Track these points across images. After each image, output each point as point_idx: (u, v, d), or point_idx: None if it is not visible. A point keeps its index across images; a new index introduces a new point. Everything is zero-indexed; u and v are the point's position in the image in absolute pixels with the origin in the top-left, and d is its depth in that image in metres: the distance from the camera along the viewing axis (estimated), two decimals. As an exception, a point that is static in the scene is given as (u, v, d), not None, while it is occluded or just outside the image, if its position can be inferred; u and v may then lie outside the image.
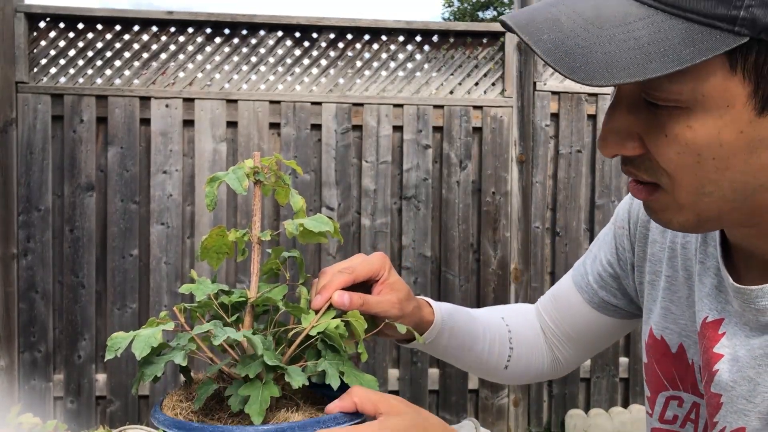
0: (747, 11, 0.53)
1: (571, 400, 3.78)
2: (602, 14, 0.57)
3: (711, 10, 0.54)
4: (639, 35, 0.55)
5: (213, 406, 0.73)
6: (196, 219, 3.53)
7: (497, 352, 1.00)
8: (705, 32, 0.54)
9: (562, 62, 0.56)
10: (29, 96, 3.43)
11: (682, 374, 0.82)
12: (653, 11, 0.56)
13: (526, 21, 0.59)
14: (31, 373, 3.44)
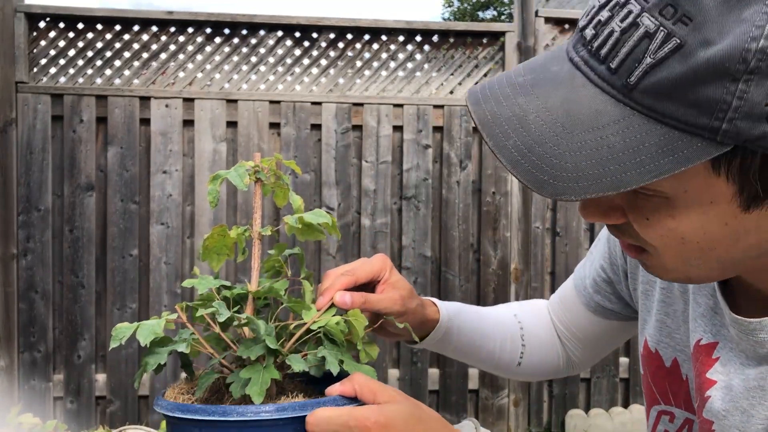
0: (730, 124, 0.49)
1: (571, 400, 3.78)
2: (573, 113, 0.53)
3: (692, 119, 0.50)
4: (612, 142, 0.51)
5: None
6: (195, 219, 3.53)
7: (509, 349, 0.99)
8: (685, 139, 0.50)
9: (529, 175, 0.53)
10: (29, 96, 3.43)
11: (675, 389, 0.80)
12: (629, 112, 0.51)
13: (492, 116, 0.55)
14: (31, 373, 3.44)
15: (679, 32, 0.49)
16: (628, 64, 0.51)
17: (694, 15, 0.48)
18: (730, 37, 0.47)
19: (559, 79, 0.55)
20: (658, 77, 0.50)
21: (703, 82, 0.48)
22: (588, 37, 0.54)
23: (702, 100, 0.49)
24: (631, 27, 0.51)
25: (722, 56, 0.47)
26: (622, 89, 0.52)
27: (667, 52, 0.49)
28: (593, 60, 0.53)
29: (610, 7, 0.53)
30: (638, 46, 0.50)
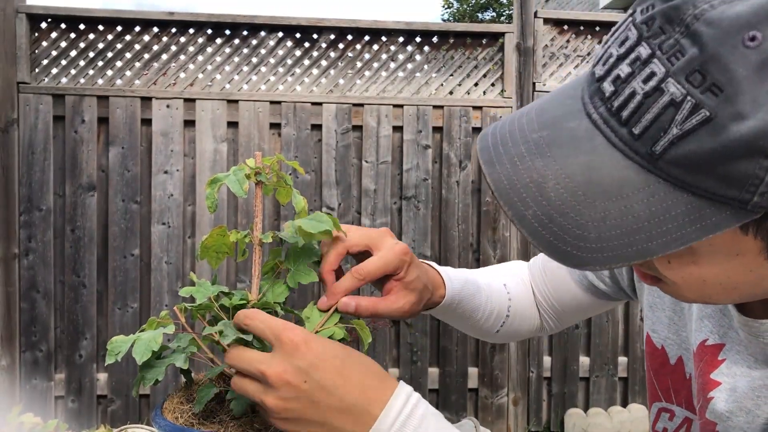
0: (762, 197, 0.46)
1: (570, 399, 3.79)
2: (594, 181, 0.50)
3: (721, 191, 0.47)
4: (637, 211, 0.49)
5: (214, 408, 0.73)
6: (197, 219, 3.54)
7: (493, 319, 0.97)
8: (713, 207, 0.48)
9: (551, 246, 0.51)
10: (31, 96, 3.44)
11: (677, 387, 0.79)
12: (653, 179, 0.49)
13: (509, 183, 0.53)
14: (33, 372, 3.45)
15: (709, 103, 0.45)
16: (653, 133, 0.47)
17: (725, 85, 0.44)
18: (763, 111, 0.44)
19: (578, 138, 0.51)
20: (685, 149, 0.46)
21: (734, 158, 0.45)
22: (607, 92, 0.50)
23: (732, 175, 0.46)
24: (655, 91, 0.47)
25: (756, 133, 0.44)
26: (646, 157, 0.48)
27: (696, 124, 0.46)
28: (614, 120, 0.50)
29: (630, 61, 0.49)
30: (663, 114, 0.47)
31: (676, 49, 0.46)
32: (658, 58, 0.47)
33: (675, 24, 0.46)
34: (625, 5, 10.41)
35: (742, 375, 0.66)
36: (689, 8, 0.46)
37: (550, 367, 3.79)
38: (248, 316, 0.66)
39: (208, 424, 0.69)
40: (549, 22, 3.78)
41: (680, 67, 0.46)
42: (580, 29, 3.81)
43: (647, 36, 0.48)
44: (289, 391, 0.61)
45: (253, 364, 0.63)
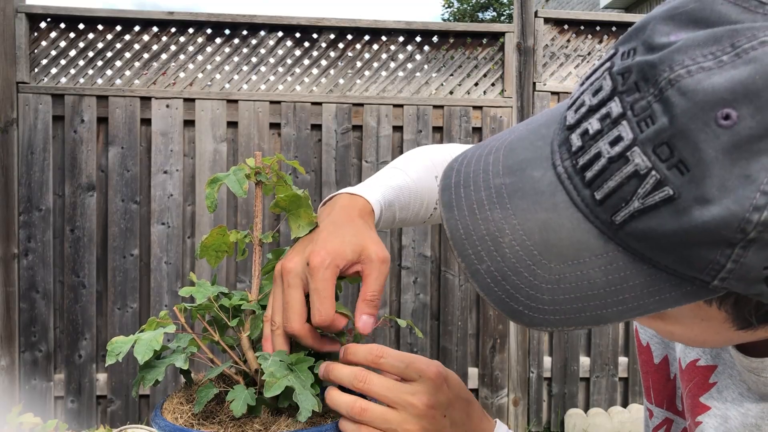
0: (723, 282, 0.44)
1: (570, 399, 3.78)
2: (551, 243, 0.48)
3: (681, 270, 0.45)
4: (593, 277, 0.47)
5: (213, 408, 0.73)
6: (196, 219, 3.54)
7: (424, 210, 0.93)
8: (673, 282, 0.45)
9: (503, 303, 0.49)
10: (30, 96, 3.43)
11: (659, 387, 0.78)
12: (613, 247, 0.46)
13: (465, 232, 0.50)
14: (32, 372, 3.44)
15: (674, 181, 0.42)
16: (614, 201, 0.45)
17: (692, 165, 0.41)
18: (730, 199, 0.41)
19: (540, 192, 0.49)
20: (646, 225, 0.44)
21: (695, 243, 0.43)
22: (574, 147, 0.47)
23: (693, 258, 0.43)
24: (620, 158, 0.44)
25: (719, 222, 0.41)
26: (606, 224, 0.46)
27: (658, 201, 0.43)
28: (578, 178, 0.47)
29: (601, 116, 0.45)
30: (627, 185, 0.44)
31: (647, 114, 0.43)
32: (628, 120, 0.43)
33: (650, 84, 0.43)
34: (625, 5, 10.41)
35: (733, 403, 0.64)
36: (665, 70, 0.42)
37: (551, 368, 3.79)
38: (377, 354, 0.67)
39: (207, 425, 0.69)
40: (549, 22, 3.78)
41: (648, 136, 0.42)
42: (581, 29, 3.81)
43: (621, 91, 0.44)
44: (431, 423, 0.65)
45: (402, 396, 0.65)
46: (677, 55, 0.42)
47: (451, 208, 0.52)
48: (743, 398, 0.63)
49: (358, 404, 0.65)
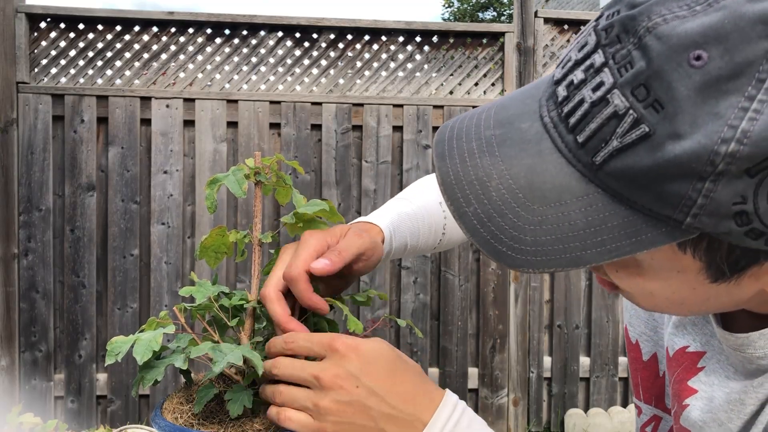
0: (695, 218, 0.46)
1: (570, 399, 3.78)
2: (535, 185, 0.50)
3: (656, 208, 0.47)
4: (574, 219, 0.49)
5: (213, 408, 0.73)
6: (196, 219, 3.54)
7: (431, 240, 0.96)
8: (649, 223, 0.48)
9: (488, 245, 0.51)
10: (30, 96, 3.43)
11: (647, 384, 0.79)
12: (593, 189, 0.49)
13: (455, 178, 0.53)
14: (32, 372, 3.44)
15: (650, 119, 0.45)
16: (595, 143, 0.48)
17: (666, 103, 0.44)
18: (700, 133, 0.44)
19: (527, 140, 0.52)
20: (623, 163, 0.47)
21: (668, 177, 0.45)
22: (560, 97, 0.50)
23: (667, 194, 0.46)
24: (601, 101, 0.47)
25: (690, 155, 0.44)
26: (587, 166, 0.49)
27: (635, 138, 0.46)
28: (562, 126, 0.50)
29: (585, 67, 0.49)
30: (606, 126, 0.47)
31: (626, 61, 0.46)
32: (610, 68, 0.47)
33: (630, 34, 0.46)
34: (625, 5, 10.40)
35: (720, 385, 0.65)
36: (644, 20, 0.45)
37: (551, 368, 3.79)
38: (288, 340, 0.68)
39: (207, 425, 0.69)
40: (549, 22, 3.78)
41: (627, 79, 0.46)
42: (581, 29, 3.80)
43: (604, 44, 0.48)
44: (342, 394, 0.63)
45: (307, 370, 0.65)
46: (655, 7, 0.45)
47: (443, 158, 0.55)
48: (729, 380, 0.65)
49: (277, 388, 0.66)
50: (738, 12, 0.43)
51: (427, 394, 0.64)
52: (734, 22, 0.43)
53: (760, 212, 0.45)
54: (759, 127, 0.43)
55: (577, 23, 3.81)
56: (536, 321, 3.74)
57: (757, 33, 0.43)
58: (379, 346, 0.65)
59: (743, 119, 0.43)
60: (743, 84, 0.43)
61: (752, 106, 0.43)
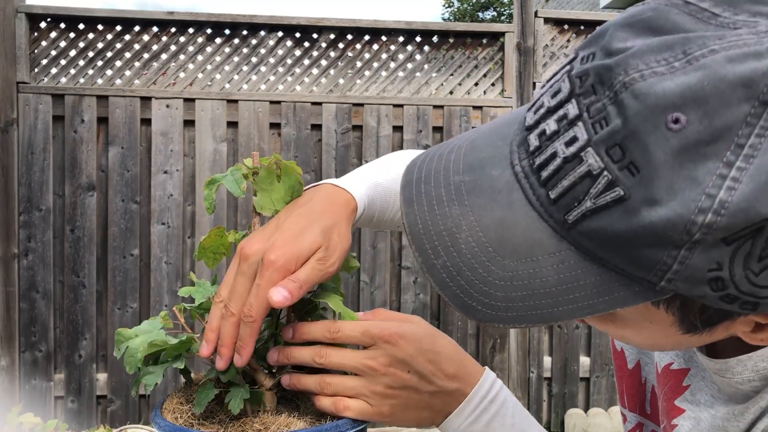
0: (669, 283, 0.45)
1: (570, 399, 3.78)
2: (506, 240, 0.49)
3: (629, 270, 0.46)
4: (546, 275, 0.48)
5: (213, 408, 0.73)
6: (196, 219, 3.54)
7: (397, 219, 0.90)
8: (622, 282, 0.46)
9: (457, 299, 0.50)
10: (30, 96, 3.43)
11: (632, 392, 0.80)
12: (565, 246, 0.47)
13: (423, 227, 0.51)
14: (32, 372, 3.44)
15: (625, 182, 0.43)
16: (567, 201, 0.46)
17: (642, 166, 0.42)
18: (677, 201, 0.42)
19: (497, 190, 0.50)
20: (597, 225, 0.45)
21: (643, 243, 0.44)
22: (531, 146, 0.48)
23: (641, 258, 0.44)
24: (574, 158, 0.45)
25: (665, 224, 0.42)
26: (559, 223, 0.47)
27: (609, 201, 0.44)
28: (534, 178, 0.48)
29: (558, 117, 0.47)
30: (580, 184, 0.45)
31: (601, 116, 0.44)
32: (584, 122, 0.45)
33: (605, 87, 0.44)
34: (625, 5, 10.41)
35: (706, 405, 0.65)
36: (621, 73, 0.43)
37: (551, 368, 3.79)
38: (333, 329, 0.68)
39: (207, 425, 0.69)
40: (549, 22, 3.78)
41: (602, 137, 0.44)
42: (581, 29, 3.81)
43: (578, 93, 0.46)
44: (395, 380, 0.67)
45: (360, 360, 0.67)
46: (632, 60, 0.43)
47: (411, 204, 0.53)
48: (714, 400, 0.64)
49: (324, 380, 0.68)
50: (718, 73, 0.41)
51: (469, 370, 0.70)
52: (714, 85, 0.41)
53: (736, 279, 0.44)
54: (737, 197, 0.41)
55: (577, 23, 3.81)
56: (536, 321, 3.74)
57: (737, 97, 0.41)
58: (421, 330, 0.69)
59: (721, 188, 0.41)
60: (722, 149, 0.41)
61: (730, 173, 0.41)
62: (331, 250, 0.69)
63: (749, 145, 0.41)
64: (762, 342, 0.50)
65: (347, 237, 0.71)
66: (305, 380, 0.69)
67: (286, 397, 0.75)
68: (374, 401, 0.67)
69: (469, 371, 0.70)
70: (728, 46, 0.42)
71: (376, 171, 0.86)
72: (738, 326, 0.50)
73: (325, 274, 0.69)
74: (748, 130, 0.41)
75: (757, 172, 0.41)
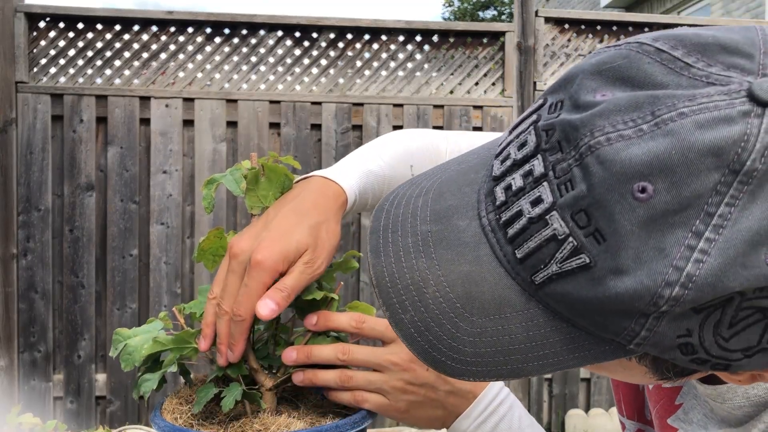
0: (638, 347, 0.44)
1: (571, 400, 3.78)
2: (474, 295, 0.48)
3: (598, 332, 0.45)
4: (514, 332, 0.47)
5: (213, 409, 0.72)
6: (196, 219, 3.53)
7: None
8: (592, 341, 0.46)
9: (426, 354, 0.49)
10: (29, 96, 3.43)
11: (629, 400, 0.80)
12: (534, 304, 0.46)
13: (390, 280, 0.50)
14: (31, 373, 3.44)
15: (590, 249, 0.42)
16: (533, 262, 0.45)
17: (608, 236, 0.41)
18: (644, 272, 0.41)
19: (464, 243, 0.49)
20: (563, 289, 0.44)
21: (610, 311, 0.43)
22: (498, 200, 0.47)
23: (609, 324, 0.44)
24: (539, 220, 0.44)
25: (632, 295, 0.41)
26: (526, 282, 0.46)
27: (575, 267, 0.43)
28: (501, 233, 0.47)
29: (524, 173, 0.46)
30: (545, 247, 0.44)
31: (567, 178, 0.43)
32: (549, 182, 0.43)
33: (571, 146, 0.43)
34: (626, 4, 10.41)
35: (698, 424, 0.65)
36: (586, 134, 0.42)
37: (551, 368, 3.78)
38: (359, 320, 0.72)
39: (207, 425, 0.69)
40: (550, 21, 3.77)
41: (567, 202, 0.42)
42: (581, 28, 3.80)
43: (544, 149, 0.44)
44: (414, 377, 0.71)
45: (382, 356, 0.71)
46: (599, 120, 0.42)
47: (378, 254, 0.51)
48: (707, 420, 0.64)
49: (345, 374, 0.71)
50: (686, 141, 0.39)
51: None
52: (682, 153, 0.39)
53: (706, 344, 0.43)
54: (704, 271, 0.40)
55: (577, 23, 3.81)
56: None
57: (706, 165, 0.39)
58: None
59: (689, 260, 0.40)
60: (691, 217, 0.40)
61: (699, 245, 0.40)
62: (318, 250, 0.69)
63: (719, 214, 0.39)
64: (740, 383, 0.49)
65: (336, 233, 0.71)
66: (324, 375, 0.71)
67: (286, 398, 0.75)
68: (392, 396, 0.71)
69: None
70: (698, 110, 0.40)
71: (369, 156, 0.85)
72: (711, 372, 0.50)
73: (313, 276, 0.69)
74: (717, 199, 0.39)
75: (725, 246, 0.39)
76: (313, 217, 0.70)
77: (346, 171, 0.78)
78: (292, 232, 0.68)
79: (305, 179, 0.76)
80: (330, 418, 0.71)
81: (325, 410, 0.72)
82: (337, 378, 0.71)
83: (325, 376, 0.71)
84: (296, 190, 0.74)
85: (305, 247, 0.68)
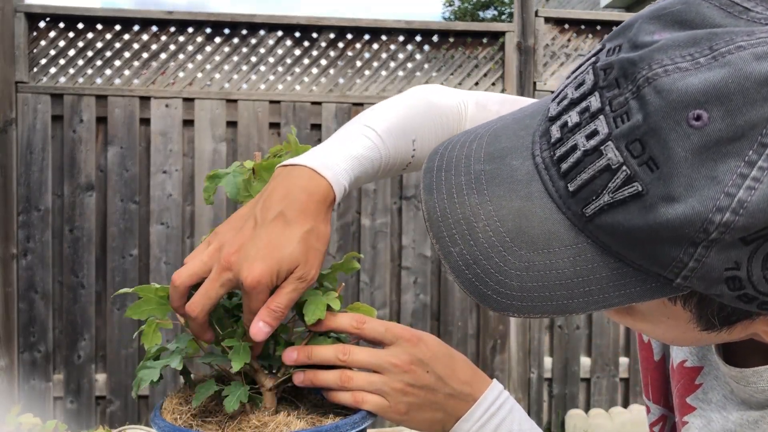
0: (686, 280, 0.45)
1: (571, 400, 3.78)
2: (524, 230, 0.48)
3: (646, 266, 0.46)
4: (562, 267, 0.48)
5: (213, 408, 0.72)
6: (196, 219, 3.53)
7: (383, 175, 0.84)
8: (639, 278, 0.46)
9: (472, 286, 0.50)
10: (29, 96, 3.43)
11: (657, 384, 0.80)
12: (582, 239, 0.47)
13: (441, 215, 0.52)
14: (31, 373, 3.44)
15: (643, 177, 0.43)
16: (586, 194, 0.46)
17: (661, 163, 0.42)
18: (695, 198, 0.42)
19: (517, 180, 0.50)
20: (614, 219, 0.45)
21: (660, 240, 0.44)
22: (553, 138, 0.48)
23: (658, 254, 0.44)
24: (594, 152, 0.45)
25: (682, 221, 0.42)
26: (577, 216, 0.47)
27: (627, 196, 0.44)
28: (554, 169, 0.48)
29: (580, 110, 0.46)
30: (598, 178, 0.45)
31: (623, 111, 0.44)
32: (606, 115, 0.44)
33: (629, 80, 0.44)
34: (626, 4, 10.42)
35: (717, 405, 0.65)
36: (644, 67, 0.43)
37: (551, 368, 3.78)
38: (360, 320, 0.72)
39: (206, 425, 0.69)
40: (550, 21, 3.77)
41: (623, 132, 0.43)
42: (581, 28, 3.80)
43: (602, 86, 0.45)
44: (415, 378, 0.70)
45: (383, 358, 0.70)
46: (657, 54, 0.43)
47: (430, 191, 0.54)
48: (726, 401, 0.64)
49: (345, 374, 0.71)
50: (743, 71, 0.40)
51: (478, 380, 0.74)
52: (738, 82, 0.40)
53: (754, 279, 0.43)
54: (756, 197, 0.41)
55: (577, 23, 3.81)
56: (537, 321, 3.73)
57: (762, 95, 0.40)
58: (435, 339, 0.73)
59: (741, 187, 0.41)
60: (744, 147, 0.41)
61: (751, 173, 0.41)
62: (309, 263, 0.68)
63: None
64: None
65: (326, 236, 0.71)
66: (324, 376, 0.71)
67: (285, 398, 0.75)
68: (392, 398, 0.70)
69: (480, 379, 0.74)
70: (756, 43, 0.41)
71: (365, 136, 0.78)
72: (757, 325, 0.50)
73: (306, 288, 0.69)
74: None
75: None
76: (302, 226, 0.68)
77: (337, 160, 0.73)
78: (282, 246, 0.67)
79: (292, 166, 0.72)
80: (330, 418, 0.71)
81: (325, 410, 0.72)
82: (338, 378, 0.71)
83: (325, 377, 0.71)
84: (282, 187, 0.70)
85: (296, 263, 0.67)
